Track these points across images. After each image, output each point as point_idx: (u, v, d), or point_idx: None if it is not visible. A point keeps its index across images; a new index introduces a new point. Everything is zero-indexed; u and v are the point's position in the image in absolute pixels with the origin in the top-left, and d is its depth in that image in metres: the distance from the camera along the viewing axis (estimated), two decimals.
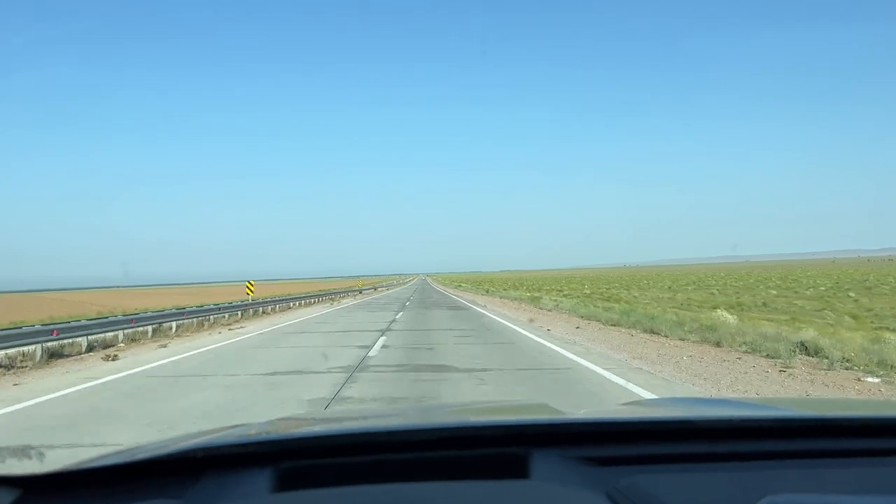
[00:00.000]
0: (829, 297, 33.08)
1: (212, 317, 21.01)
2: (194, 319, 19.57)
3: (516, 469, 1.14)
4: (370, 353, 11.18)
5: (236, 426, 1.58)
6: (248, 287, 28.54)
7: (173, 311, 19.80)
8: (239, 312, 23.89)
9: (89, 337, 13.48)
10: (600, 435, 1.29)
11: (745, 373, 8.44)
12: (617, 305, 23.92)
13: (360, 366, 9.64)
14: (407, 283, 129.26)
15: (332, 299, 42.52)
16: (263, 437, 1.33)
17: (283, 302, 31.64)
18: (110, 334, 14.71)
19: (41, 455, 1.25)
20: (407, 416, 1.92)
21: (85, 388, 8.35)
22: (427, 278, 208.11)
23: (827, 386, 7.44)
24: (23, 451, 1.23)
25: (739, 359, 9.66)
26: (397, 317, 21.70)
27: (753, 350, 10.24)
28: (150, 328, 16.20)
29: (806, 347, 9.67)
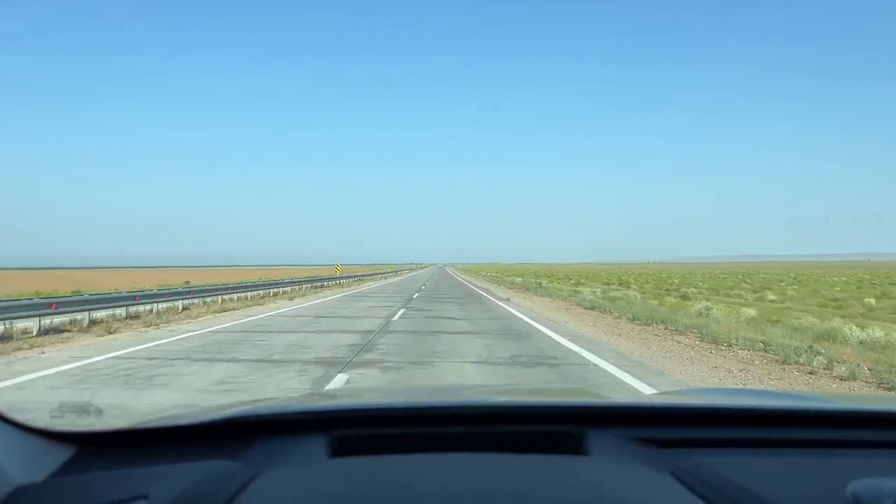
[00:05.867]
0: None
1: None
2: None
3: (573, 446, 1.16)
4: None
5: (269, 399, 1.63)
6: None
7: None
8: None
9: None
10: (655, 418, 1.31)
11: None
12: None
13: None
14: (417, 271, 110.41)
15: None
16: (323, 406, 1.38)
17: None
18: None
19: (99, 412, 1.27)
20: (458, 394, 1.96)
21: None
22: (447, 268, 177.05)
23: None
24: (82, 408, 1.25)
25: None
26: None
27: None
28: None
29: None
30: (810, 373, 7.88)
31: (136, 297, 15.71)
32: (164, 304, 17.06)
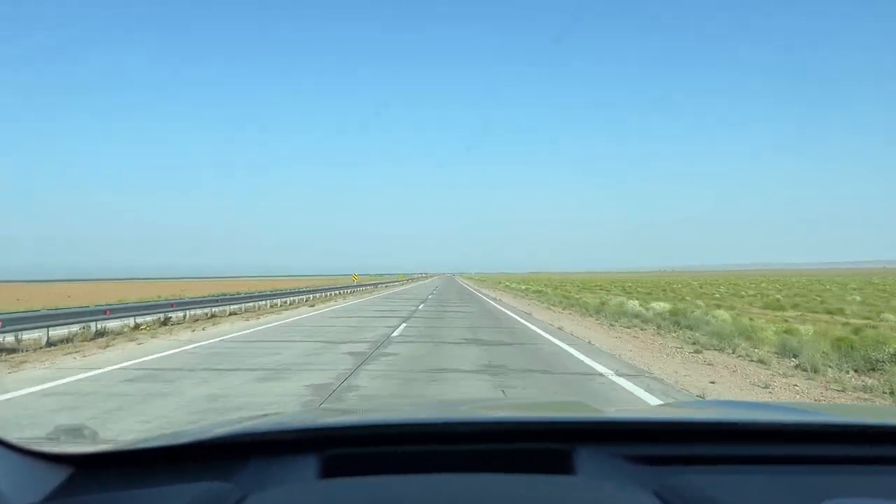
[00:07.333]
0: None
1: None
2: None
3: (560, 464, 1.16)
4: None
5: (266, 415, 1.64)
6: None
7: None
8: None
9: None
10: (643, 434, 1.31)
11: None
12: None
13: None
14: (420, 281, 79.20)
15: None
16: (312, 424, 1.37)
17: None
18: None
19: (94, 434, 1.29)
20: (446, 410, 1.96)
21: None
22: (457, 278, 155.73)
23: None
24: (77, 431, 1.27)
25: None
26: None
27: None
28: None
29: None
30: None
31: None
32: None
